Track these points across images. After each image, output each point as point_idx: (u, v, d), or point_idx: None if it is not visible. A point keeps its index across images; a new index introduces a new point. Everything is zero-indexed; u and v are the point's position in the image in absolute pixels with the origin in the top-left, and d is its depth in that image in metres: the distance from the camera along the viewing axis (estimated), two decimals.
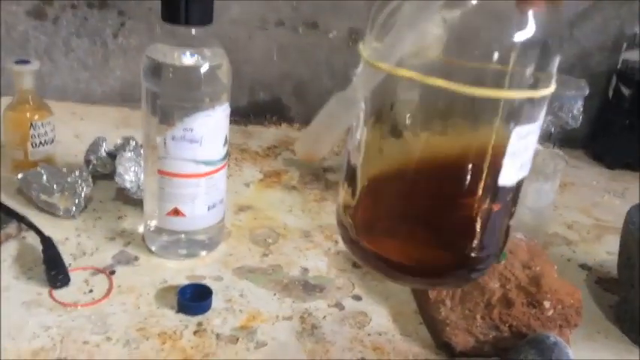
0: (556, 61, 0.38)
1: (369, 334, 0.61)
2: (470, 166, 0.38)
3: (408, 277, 0.42)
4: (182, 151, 0.62)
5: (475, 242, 0.40)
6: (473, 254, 0.40)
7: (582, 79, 0.99)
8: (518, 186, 0.41)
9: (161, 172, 0.64)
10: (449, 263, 0.41)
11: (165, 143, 0.62)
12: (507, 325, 0.58)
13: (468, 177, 0.38)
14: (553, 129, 0.96)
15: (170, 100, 0.61)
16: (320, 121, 0.38)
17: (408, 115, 0.38)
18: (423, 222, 0.40)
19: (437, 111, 0.37)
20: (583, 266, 0.76)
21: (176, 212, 0.65)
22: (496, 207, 0.40)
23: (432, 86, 0.34)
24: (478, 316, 0.59)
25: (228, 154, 0.67)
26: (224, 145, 0.65)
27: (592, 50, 1.05)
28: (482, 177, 0.38)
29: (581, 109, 0.97)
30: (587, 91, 0.97)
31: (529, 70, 0.36)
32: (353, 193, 0.41)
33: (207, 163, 0.64)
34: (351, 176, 0.41)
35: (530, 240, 0.65)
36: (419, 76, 0.35)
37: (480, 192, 0.38)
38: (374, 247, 0.41)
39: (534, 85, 0.37)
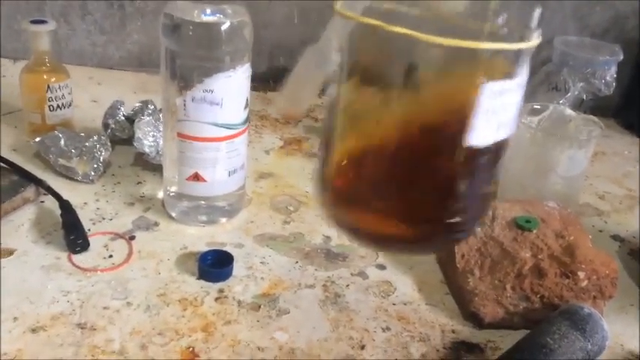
0: (536, 14, 0.35)
1: (393, 304, 0.59)
2: (443, 125, 0.36)
3: (391, 246, 0.39)
4: (202, 113, 0.60)
5: (452, 205, 0.38)
6: (450, 219, 0.38)
7: (616, 45, 0.95)
8: (498, 148, 0.38)
9: (181, 136, 0.62)
10: (426, 230, 0.39)
11: (184, 105, 0.60)
12: (539, 295, 0.56)
13: (442, 137, 0.36)
14: (585, 96, 0.93)
15: (189, 59, 0.58)
16: (296, 75, 0.36)
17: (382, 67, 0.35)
18: (401, 187, 0.38)
19: (408, 65, 0.34)
20: (615, 237, 0.73)
21: (196, 177, 0.64)
22: (471, 169, 0.37)
23: (397, 34, 0.32)
24: (508, 287, 0.57)
25: (248, 118, 0.64)
26: (245, 108, 0.63)
27: (627, 14, 1.00)
28: (455, 137, 0.35)
29: (615, 75, 0.93)
30: (621, 57, 0.93)
31: (501, 20, 0.33)
32: (332, 156, 0.39)
33: (227, 126, 0.62)
34: (327, 139, 0.39)
35: (563, 208, 0.63)
36: (383, 24, 0.33)
37: (453, 153, 0.36)
38: (352, 218, 0.39)
39: (509, 38, 0.34)
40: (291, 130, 0.90)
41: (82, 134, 0.75)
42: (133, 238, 0.63)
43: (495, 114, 0.35)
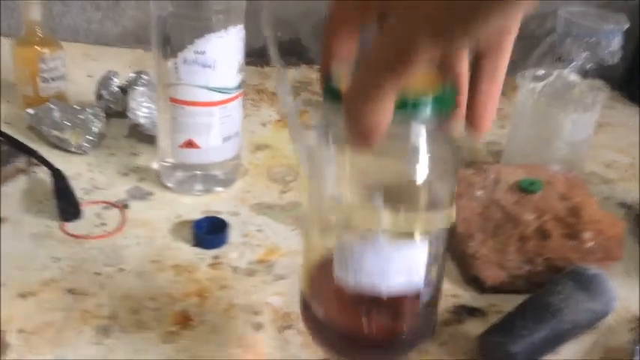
0: None
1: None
2: None
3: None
4: (194, 76, 0.58)
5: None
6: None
7: (621, 13, 0.92)
8: None
9: (173, 100, 0.60)
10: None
11: (176, 68, 0.58)
12: (543, 258, 0.54)
13: None
14: (589, 66, 0.91)
15: (179, 19, 0.57)
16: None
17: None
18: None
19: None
20: (622, 204, 0.71)
21: (190, 144, 0.62)
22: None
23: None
24: (511, 250, 0.55)
25: (242, 84, 0.63)
26: (238, 72, 0.61)
27: None
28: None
29: (620, 45, 0.91)
30: (626, 26, 0.91)
31: None
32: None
33: (220, 90, 0.60)
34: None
35: (568, 172, 0.61)
36: None
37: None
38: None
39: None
40: None
41: (77, 106, 0.73)
42: (126, 207, 0.62)
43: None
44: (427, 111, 0.32)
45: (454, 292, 0.55)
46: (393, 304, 0.37)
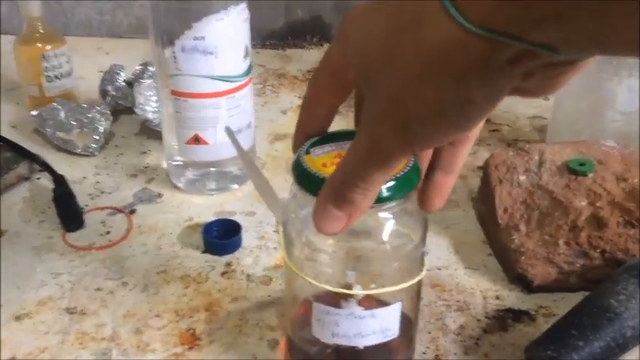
0: None
1: (427, 269, 0.51)
2: None
3: None
4: (195, 65, 0.53)
5: None
6: None
7: None
8: None
9: (175, 94, 0.55)
10: None
11: (175, 57, 0.53)
12: (599, 250, 0.47)
13: None
14: None
15: (174, 1, 0.51)
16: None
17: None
18: None
19: None
20: None
21: (197, 140, 0.57)
22: None
23: None
24: (561, 242, 0.48)
25: (250, 70, 0.57)
26: (245, 57, 0.55)
27: None
28: None
29: None
30: None
31: None
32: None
33: (225, 79, 0.54)
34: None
35: (624, 147, 0.53)
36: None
37: None
38: None
39: None
40: None
41: (85, 105, 0.69)
42: (133, 212, 0.57)
43: None
44: (393, 190, 0.33)
45: (497, 294, 0.49)
46: (370, 351, 0.38)
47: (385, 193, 0.34)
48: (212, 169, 0.60)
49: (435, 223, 0.56)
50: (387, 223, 0.36)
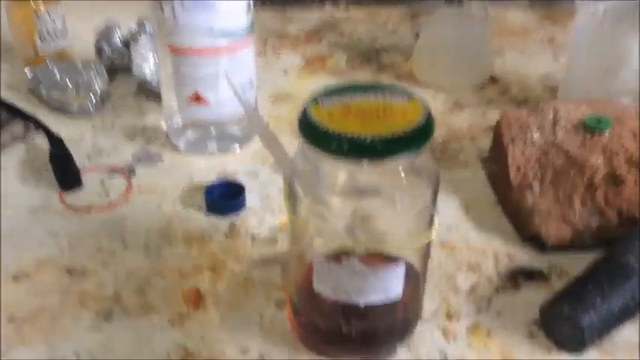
0: None
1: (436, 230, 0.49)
2: None
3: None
4: (195, 18, 0.51)
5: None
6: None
7: None
8: None
9: (173, 50, 0.53)
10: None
11: (174, 10, 0.51)
12: (615, 209, 0.46)
13: None
14: None
15: None
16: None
17: None
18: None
19: None
20: None
21: (197, 98, 0.55)
22: None
23: None
24: (576, 200, 0.46)
25: (252, 26, 0.55)
26: (247, 11, 0.53)
27: None
28: None
29: None
30: None
31: None
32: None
33: (227, 34, 0.52)
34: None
35: None
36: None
37: None
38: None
39: None
40: (313, 47, 0.80)
41: (80, 65, 0.67)
42: (132, 172, 0.56)
43: None
44: (404, 143, 0.32)
45: (508, 253, 0.47)
46: (371, 311, 0.38)
47: (396, 148, 0.32)
48: (213, 129, 0.58)
49: (444, 183, 0.54)
50: (399, 180, 0.35)
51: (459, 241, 0.48)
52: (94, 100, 0.64)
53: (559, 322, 0.39)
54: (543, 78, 0.70)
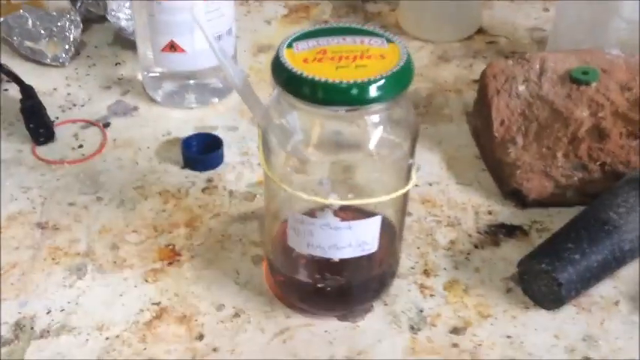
0: None
1: (416, 185, 0.49)
2: None
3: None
4: None
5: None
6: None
7: None
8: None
9: None
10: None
11: None
12: (599, 163, 0.45)
13: None
14: None
15: None
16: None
17: None
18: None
19: None
20: None
21: (173, 47, 0.53)
22: None
23: None
24: (559, 154, 0.45)
25: None
26: None
27: None
28: None
29: None
30: None
31: None
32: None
33: None
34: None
35: (630, 56, 0.50)
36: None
37: None
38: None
39: None
40: None
41: (54, 13, 0.64)
42: (107, 125, 0.54)
43: None
44: (382, 89, 0.31)
45: (489, 209, 0.47)
46: (347, 266, 0.37)
47: (374, 93, 0.31)
48: (191, 80, 0.57)
49: (428, 138, 0.53)
50: (375, 130, 0.34)
51: (440, 197, 0.48)
52: (68, 50, 0.61)
53: (537, 278, 0.39)
54: (532, 29, 0.68)
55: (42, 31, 0.62)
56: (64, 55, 0.61)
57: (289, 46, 0.33)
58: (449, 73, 0.62)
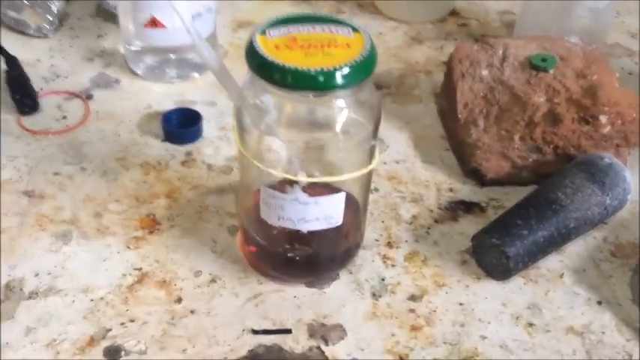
0: None
1: (384, 163, 0.52)
2: None
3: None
4: None
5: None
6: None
7: None
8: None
9: None
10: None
11: None
12: (552, 146, 0.48)
13: None
14: None
15: None
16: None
17: None
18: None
19: None
20: None
21: (154, 23, 0.55)
22: None
23: None
24: (516, 137, 0.49)
25: None
26: None
27: None
28: None
29: None
30: None
31: None
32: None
33: None
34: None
35: (587, 45, 0.53)
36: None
37: None
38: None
39: None
40: None
41: None
42: (90, 97, 0.56)
43: None
44: (347, 77, 0.34)
45: (450, 187, 0.50)
46: (315, 237, 0.40)
47: (339, 80, 0.34)
48: (172, 55, 0.58)
49: (397, 117, 0.56)
50: (342, 112, 0.37)
51: (405, 174, 0.51)
52: (51, 21, 0.63)
53: (488, 251, 0.43)
54: (502, 12, 0.71)
55: (25, 2, 0.63)
56: (47, 27, 0.62)
57: (262, 32, 0.35)
58: (421, 54, 0.64)
